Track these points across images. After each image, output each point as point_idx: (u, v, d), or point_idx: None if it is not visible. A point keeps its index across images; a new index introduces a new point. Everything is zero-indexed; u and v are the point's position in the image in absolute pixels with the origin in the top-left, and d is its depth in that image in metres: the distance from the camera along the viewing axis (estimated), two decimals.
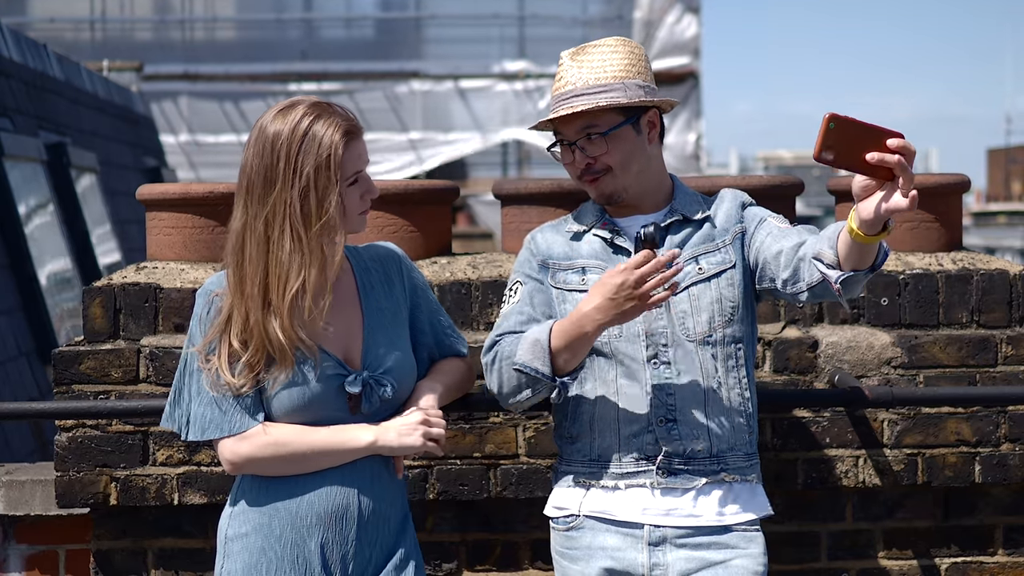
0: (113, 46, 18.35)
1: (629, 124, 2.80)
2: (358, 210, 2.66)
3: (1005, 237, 42.94)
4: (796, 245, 2.70)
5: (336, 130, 2.58)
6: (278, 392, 2.62)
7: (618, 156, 2.80)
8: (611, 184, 2.82)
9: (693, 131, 18.60)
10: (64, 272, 9.29)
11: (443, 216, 3.86)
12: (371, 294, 2.75)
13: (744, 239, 2.85)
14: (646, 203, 2.87)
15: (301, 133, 2.56)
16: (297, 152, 2.55)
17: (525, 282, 2.89)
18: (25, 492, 3.53)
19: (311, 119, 2.58)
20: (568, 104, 2.78)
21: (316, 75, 18.69)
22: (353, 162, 2.62)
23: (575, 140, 2.81)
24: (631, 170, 2.82)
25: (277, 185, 2.56)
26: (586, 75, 2.79)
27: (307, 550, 2.63)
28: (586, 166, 2.82)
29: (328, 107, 2.61)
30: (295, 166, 2.55)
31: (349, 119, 2.62)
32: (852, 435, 3.48)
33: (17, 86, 9.38)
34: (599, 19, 19.24)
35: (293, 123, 2.57)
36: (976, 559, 3.57)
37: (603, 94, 2.77)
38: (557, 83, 2.83)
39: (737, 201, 2.90)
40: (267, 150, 2.58)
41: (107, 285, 3.54)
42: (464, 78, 19.05)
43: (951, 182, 3.76)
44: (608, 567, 2.79)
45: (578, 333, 2.69)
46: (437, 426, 2.69)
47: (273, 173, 2.57)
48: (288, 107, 2.61)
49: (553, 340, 2.71)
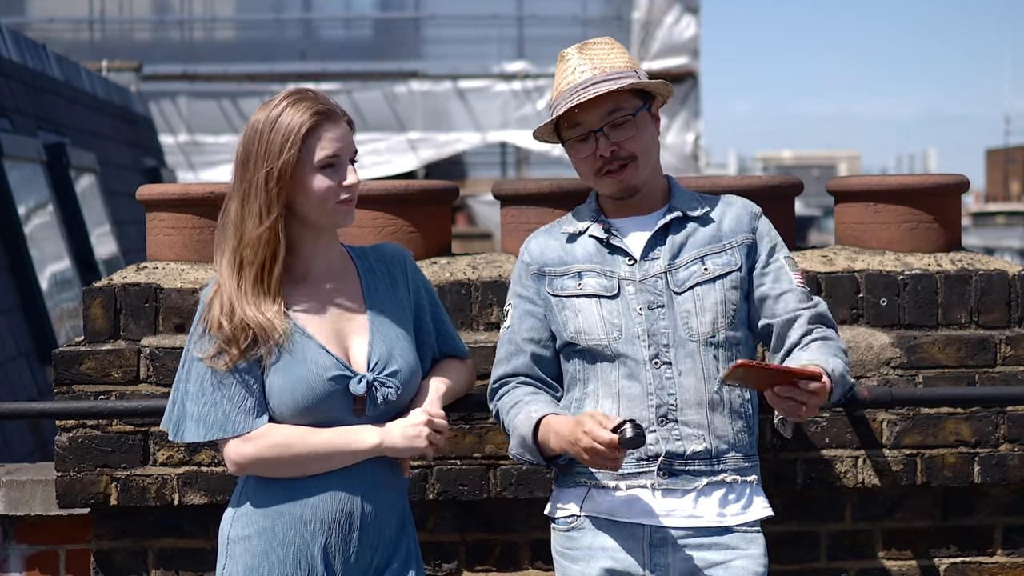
0: (112, 46, 18.34)
1: (646, 110, 2.82)
2: (333, 199, 2.66)
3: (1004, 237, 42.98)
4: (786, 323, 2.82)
5: (304, 113, 2.63)
6: (283, 391, 2.62)
7: (642, 142, 2.80)
8: (634, 174, 2.81)
9: (692, 131, 18.60)
10: (64, 272, 9.29)
11: (443, 216, 3.86)
12: (376, 295, 2.75)
13: (752, 254, 2.85)
14: (645, 201, 2.87)
15: (274, 117, 2.63)
16: (268, 133, 2.62)
17: (517, 304, 2.91)
18: (25, 492, 3.54)
19: (285, 104, 2.65)
20: (591, 89, 2.77)
21: (315, 75, 18.67)
22: (324, 146, 2.64)
23: (600, 127, 2.79)
24: (651, 159, 2.83)
25: (250, 166, 2.63)
26: (599, 64, 2.80)
27: (310, 554, 2.63)
28: (611, 153, 2.79)
29: (305, 93, 2.67)
30: (265, 147, 2.62)
31: (324, 103, 2.66)
32: (851, 435, 3.49)
33: (16, 86, 9.38)
34: (598, 19, 19.23)
35: (270, 109, 2.65)
36: (975, 559, 3.58)
37: (623, 79, 2.78)
38: (568, 76, 2.81)
39: (748, 210, 2.90)
40: (247, 135, 2.66)
41: (107, 285, 3.54)
42: (463, 78, 19.04)
43: (950, 182, 3.77)
44: (609, 567, 2.79)
45: (555, 447, 2.74)
46: (441, 428, 2.70)
47: (248, 156, 2.64)
48: (273, 97, 2.70)
49: (539, 437, 2.77)
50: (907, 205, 3.74)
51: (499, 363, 2.93)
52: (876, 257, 3.68)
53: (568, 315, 2.83)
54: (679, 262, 2.81)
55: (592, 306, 2.82)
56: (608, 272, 2.82)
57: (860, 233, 3.81)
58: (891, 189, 3.76)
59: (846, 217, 3.87)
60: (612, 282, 2.82)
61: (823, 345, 2.78)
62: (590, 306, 2.82)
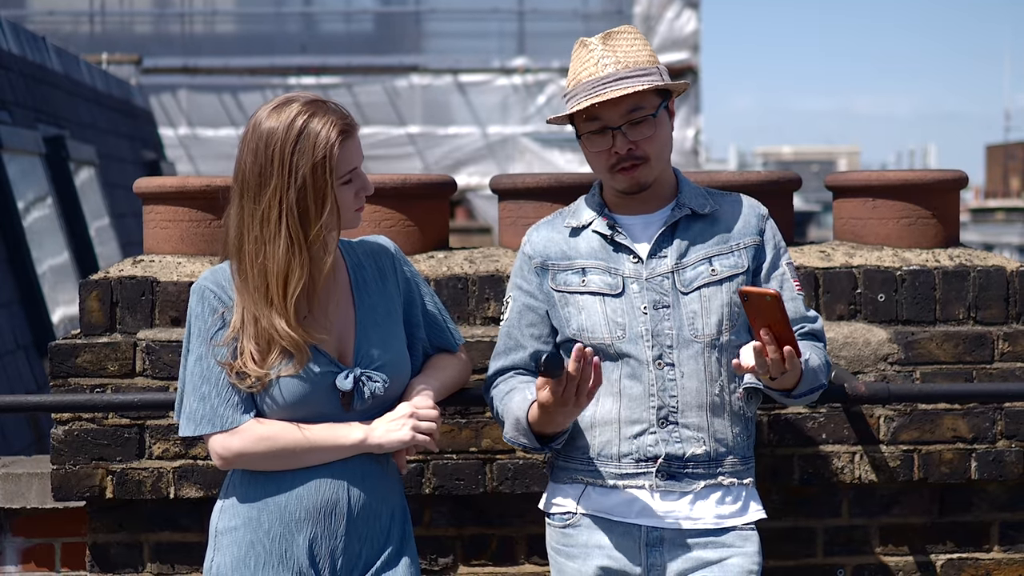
0: (112, 39, 18.34)
1: (663, 108, 2.78)
2: (353, 207, 2.64)
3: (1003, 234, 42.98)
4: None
5: (332, 128, 2.55)
6: (271, 387, 2.61)
7: (659, 141, 2.76)
8: (647, 173, 2.77)
9: (692, 126, 18.60)
10: (62, 265, 9.28)
11: (441, 210, 3.85)
12: (364, 289, 2.74)
13: (758, 257, 2.84)
14: (653, 197, 2.83)
15: (296, 132, 2.54)
16: (292, 151, 2.53)
17: (517, 297, 2.88)
18: (21, 485, 3.53)
19: (306, 117, 2.55)
20: (614, 87, 2.71)
21: (315, 69, 18.68)
22: (348, 160, 2.60)
23: (619, 125, 2.74)
24: (664, 157, 2.79)
25: (271, 184, 2.54)
26: (623, 58, 2.73)
27: (295, 545, 2.63)
28: (627, 152, 2.75)
29: (323, 104, 2.59)
30: (290, 165, 2.53)
31: (344, 116, 2.60)
32: (848, 431, 3.48)
33: (16, 79, 9.37)
34: (599, 14, 19.22)
35: (288, 121, 2.55)
36: (972, 555, 3.57)
37: (647, 77, 2.73)
38: (591, 67, 2.74)
39: (756, 211, 2.87)
40: (261, 148, 2.55)
41: (104, 278, 3.54)
42: (463, 72, 19.04)
43: (949, 178, 3.76)
44: (605, 566, 2.79)
45: (546, 425, 2.72)
46: (427, 419, 2.67)
47: (267, 172, 2.54)
48: (283, 104, 2.59)
49: (531, 420, 2.74)
50: (906, 201, 3.74)
51: (497, 356, 2.92)
52: (874, 253, 3.67)
53: (571, 312, 2.81)
54: (686, 261, 2.78)
55: (596, 304, 2.79)
56: (612, 269, 2.79)
57: (858, 228, 3.80)
58: (890, 185, 3.75)
59: (844, 212, 3.86)
60: (616, 279, 2.79)
61: (806, 344, 2.80)
62: (594, 304, 2.79)
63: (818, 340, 2.87)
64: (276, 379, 2.60)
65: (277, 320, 2.56)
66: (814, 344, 2.83)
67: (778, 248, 2.87)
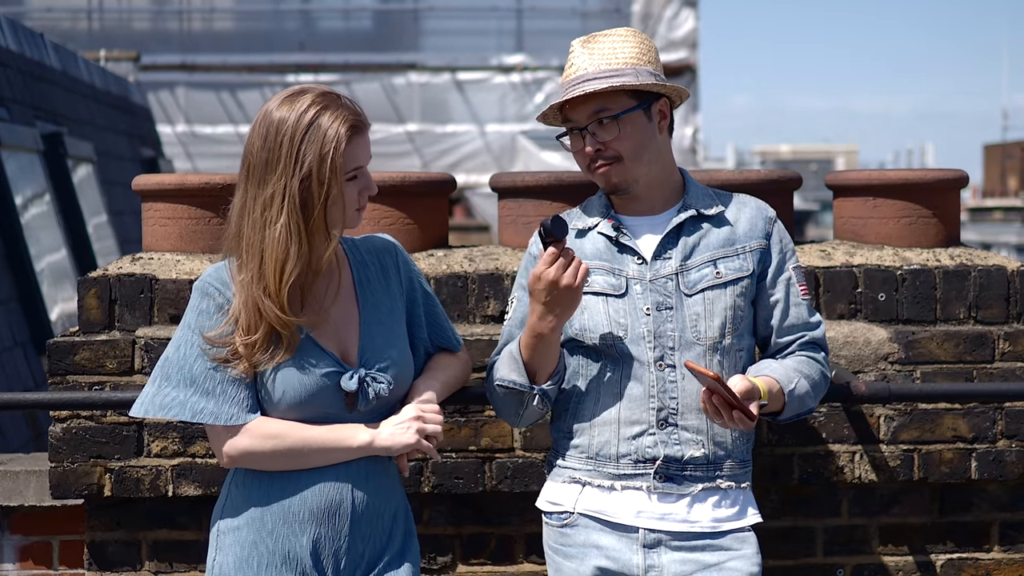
0: (110, 36, 18.31)
1: (640, 110, 2.77)
2: (355, 206, 2.63)
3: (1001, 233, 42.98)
4: (785, 343, 2.86)
5: (342, 123, 2.56)
6: (275, 386, 2.60)
7: (629, 143, 2.76)
8: (621, 173, 2.78)
9: (690, 125, 18.58)
10: (60, 262, 9.27)
11: (440, 208, 3.84)
12: (368, 289, 2.73)
13: (764, 260, 2.83)
14: (656, 198, 2.83)
15: (307, 122, 2.54)
16: (301, 141, 2.54)
17: (521, 297, 2.88)
18: (19, 483, 3.53)
19: (318, 109, 2.56)
20: (579, 87, 2.74)
21: (313, 66, 18.65)
22: (354, 157, 2.60)
23: (586, 125, 2.77)
24: (642, 159, 2.78)
25: (277, 170, 2.54)
26: (597, 61, 2.76)
27: (299, 545, 2.62)
28: (596, 152, 2.77)
29: (337, 98, 2.59)
30: (297, 154, 2.53)
31: (356, 113, 2.60)
32: (848, 431, 3.48)
33: (14, 75, 9.36)
34: (597, 12, 19.20)
35: (300, 111, 2.55)
36: (972, 555, 3.57)
37: (614, 78, 2.74)
38: (567, 70, 2.79)
39: (763, 214, 2.87)
40: (271, 135, 2.56)
41: (102, 276, 3.53)
42: (462, 70, 19.02)
43: (948, 177, 3.76)
44: (602, 566, 2.78)
45: (535, 339, 2.71)
46: (432, 422, 2.67)
47: (274, 158, 2.55)
48: (296, 94, 2.59)
49: (523, 351, 2.74)
50: (906, 200, 3.73)
51: (499, 345, 2.91)
52: (874, 252, 3.67)
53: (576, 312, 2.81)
54: (691, 263, 2.78)
55: (599, 304, 2.79)
56: (616, 270, 2.80)
57: (858, 228, 3.80)
58: (890, 184, 3.75)
59: (845, 212, 3.86)
60: (620, 280, 2.79)
61: (802, 361, 2.82)
62: (597, 304, 2.79)
63: (818, 348, 2.87)
64: (274, 372, 2.59)
65: (270, 306, 2.55)
66: (809, 359, 2.83)
67: (784, 252, 2.86)
